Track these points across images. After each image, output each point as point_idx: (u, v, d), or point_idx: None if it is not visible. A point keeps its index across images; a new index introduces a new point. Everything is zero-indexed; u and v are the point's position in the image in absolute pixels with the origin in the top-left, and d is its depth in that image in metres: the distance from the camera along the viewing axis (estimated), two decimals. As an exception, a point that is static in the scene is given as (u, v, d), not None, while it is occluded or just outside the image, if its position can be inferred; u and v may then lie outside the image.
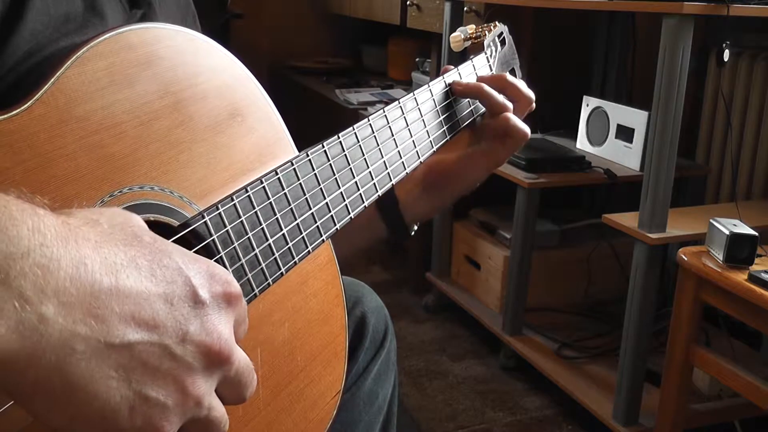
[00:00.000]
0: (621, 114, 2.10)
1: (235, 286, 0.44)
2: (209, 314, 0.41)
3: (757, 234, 1.36)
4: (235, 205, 0.54)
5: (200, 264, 0.42)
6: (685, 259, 1.44)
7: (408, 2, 2.74)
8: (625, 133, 2.08)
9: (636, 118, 2.03)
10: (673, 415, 1.52)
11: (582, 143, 2.25)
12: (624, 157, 2.08)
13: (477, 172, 0.82)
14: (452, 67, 0.83)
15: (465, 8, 2.33)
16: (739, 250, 1.36)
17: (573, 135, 2.29)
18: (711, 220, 1.43)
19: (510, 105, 0.80)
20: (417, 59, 2.96)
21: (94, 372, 0.36)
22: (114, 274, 0.38)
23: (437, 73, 0.83)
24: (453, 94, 0.80)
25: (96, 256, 0.37)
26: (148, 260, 0.40)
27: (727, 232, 1.36)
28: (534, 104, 0.83)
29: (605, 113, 2.15)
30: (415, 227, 0.86)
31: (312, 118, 3.14)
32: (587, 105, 2.23)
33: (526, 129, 0.80)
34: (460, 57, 1.15)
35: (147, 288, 0.39)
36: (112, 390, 0.37)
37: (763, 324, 1.33)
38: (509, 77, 0.83)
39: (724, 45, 1.62)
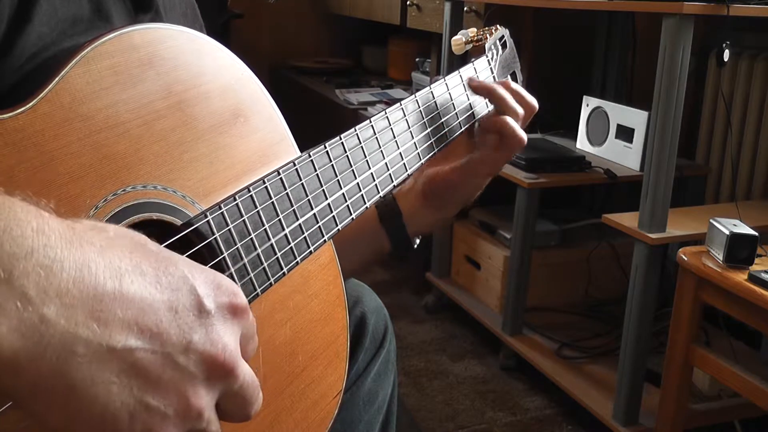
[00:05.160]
0: (621, 114, 2.10)
1: (242, 298, 0.43)
2: (214, 324, 0.41)
3: (757, 234, 1.36)
4: (237, 204, 0.54)
5: (206, 274, 0.42)
6: (685, 259, 1.44)
7: (408, 2, 2.74)
8: (625, 133, 2.08)
9: (636, 118, 2.03)
10: (673, 415, 1.52)
11: (582, 143, 2.25)
12: (624, 157, 2.08)
13: (475, 180, 0.83)
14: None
15: (465, 8, 2.33)
16: (739, 250, 1.36)
17: (573, 135, 2.29)
18: (711, 220, 1.43)
19: (521, 110, 0.80)
20: (417, 59, 2.96)
21: (95, 376, 0.36)
22: (118, 279, 0.37)
23: (437, 73, 0.83)
24: (468, 88, 0.81)
25: (100, 259, 0.37)
26: (154, 267, 0.39)
27: (727, 232, 1.36)
28: (536, 110, 0.84)
29: (605, 113, 2.15)
30: (417, 241, 0.87)
31: (312, 118, 3.14)
32: (587, 105, 2.23)
33: (523, 134, 0.80)
34: (460, 59, 1.15)
35: (151, 294, 0.38)
36: (112, 395, 0.36)
37: (763, 324, 1.33)
38: (513, 84, 0.84)
39: (724, 45, 1.63)
